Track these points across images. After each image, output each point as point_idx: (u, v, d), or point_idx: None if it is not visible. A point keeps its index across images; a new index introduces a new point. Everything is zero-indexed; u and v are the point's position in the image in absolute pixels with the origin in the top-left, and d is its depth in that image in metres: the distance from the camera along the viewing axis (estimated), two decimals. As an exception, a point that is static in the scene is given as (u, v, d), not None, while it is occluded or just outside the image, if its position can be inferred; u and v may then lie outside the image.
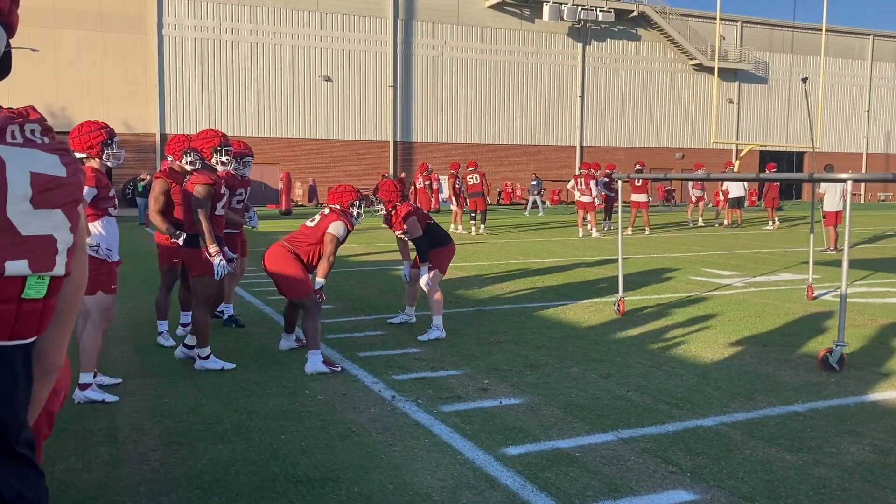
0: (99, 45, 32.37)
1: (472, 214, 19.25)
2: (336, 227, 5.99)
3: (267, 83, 35.23)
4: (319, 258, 6.01)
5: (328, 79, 36.22)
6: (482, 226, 18.93)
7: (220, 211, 5.79)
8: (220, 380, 5.39)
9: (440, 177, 27.41)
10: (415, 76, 37.88)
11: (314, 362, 5.60)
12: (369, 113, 37.20)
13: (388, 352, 6.23)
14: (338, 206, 6.19)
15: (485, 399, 4.93)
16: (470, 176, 18.97)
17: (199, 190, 5.55)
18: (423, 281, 6.77)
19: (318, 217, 6.16)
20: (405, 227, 6.85)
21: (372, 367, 5.74)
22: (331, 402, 4.87)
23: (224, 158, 6.03)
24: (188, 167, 6.07)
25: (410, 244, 7.17)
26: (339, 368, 5.64)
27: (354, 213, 6.23)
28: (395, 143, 37.70)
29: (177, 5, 33.44)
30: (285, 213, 28.40)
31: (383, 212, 6.96)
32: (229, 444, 4.12)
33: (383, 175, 26.30)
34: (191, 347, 5.85)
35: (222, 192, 5.80)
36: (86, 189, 4.71)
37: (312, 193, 36.07)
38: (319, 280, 5.98)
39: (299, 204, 35.30)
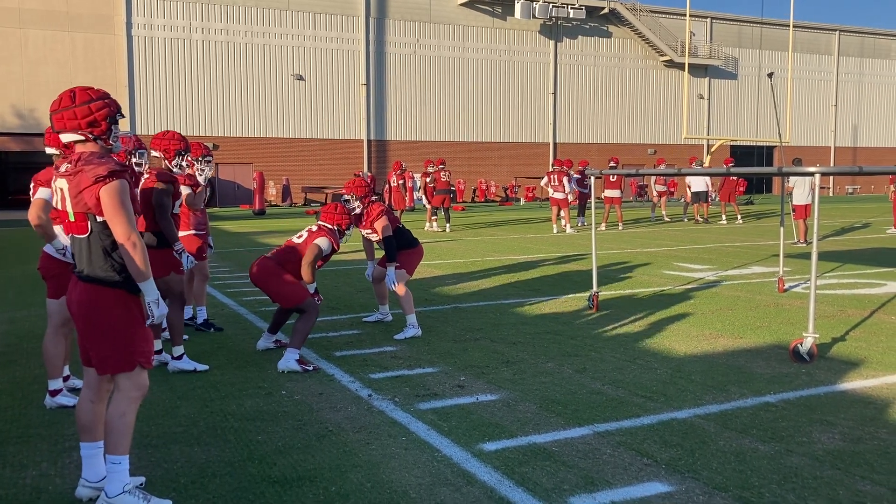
0: (67, 46, 31.94)
1: (436, 211, 19.34)
2: (322, 241, 6.02)
3: (238, 82, 34.99)
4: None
5: (300, 77, 36.05)
6: (446, 224, 19.14)
7: (176, 209, 5.86)
8: (195, 382, 5.35)
9: (414, 175, 27.40)
10: (387, 74, 37.82)
11: (289, 359, 5.58)
12: (342, 111, 37.09)
13: (364, 350, 6.23)
14: (328, 225, 6.20)
15: (461, 396, 4.94)
16: (443, 173, 19.05)
17: (159, 188, 5.61)
18: (391, 283, 6.77)
19: (304, 233, 6.15)
20: (375, 227, 6.84)
21: (348, 366, 5.73)
22: (307, 402, 4.86)
23: (184, 163, 6.13)
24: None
25: (376, 244, 7.18)
26: (312, 368, 5.62)
27: (346, 234, 6.32)
28: (369, 141, 37.62)
29: (146, 5, 33.09)
30: (259, 213, 28.22)
31: (357, 209, 6.93)
32: (205, 446, 4.10)
33: (355, 174, 26.29)
34: (158, 352, 5.80)
35: (179, 191, 5.88)
36: (46, 190, 4.59)
37: (286, 193, 35.88)
38: (311, 284, 5.97)
39: (273, 204, 35.10)
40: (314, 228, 6.17)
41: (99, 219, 3.21)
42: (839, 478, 3.59)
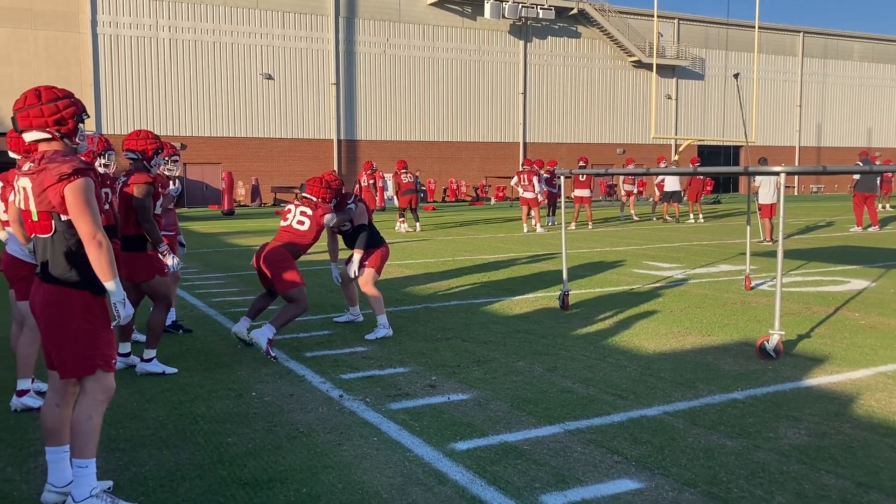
0: (30, 44, 31.36)
1: (402, 212, 19.42)
2: (328, 218, 6.49)
3: (207, 82, 34.64)
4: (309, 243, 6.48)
5: (269, 77, 35.79)
6: (416, 223, 19.27)
7: (158, 210, 5.77)
8: (163, 384, 5.29)
9: (385, 175, 27.37)
10: (358, 74, 37.70)
11: (264, 334, 5.83)
12: (312, 111, 36.89)
13: (335, 351, 6.20)
14: (316, 199, 6.50)
15: (433, 395, 4.94)
16: (404, 175, 19.15)
17: (140, 189, 5.49)
18: (353, 269, 6.88)
19: (304, 219, 6.42)
20: (352, 209, 6.95)
21: (319, 366, 5.70)
22: (278, 403, 4.83)
23: (160, 161, 6.01)
24: (101, 169, 5.90)
25: (340, 244, 7.25)
26: (273, 357, 5.84)
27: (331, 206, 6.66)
28: (339, 141, 37.46)
29: (111, 3, 32.60)
30: (228, 213, 27.97)
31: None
32: (174, 448, 4.05)
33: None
34: (126, 355, 5.73)
35: (160, 190, 5.79)
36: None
37: (255, 193, 35.59)
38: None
39: (242, 204, 34.81)
40: (308, 210, 6.43)
41: (63, 218, 3.18)
42: (805, 472, 3.66)
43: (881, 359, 5.80)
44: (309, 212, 6.44)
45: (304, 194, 6.56)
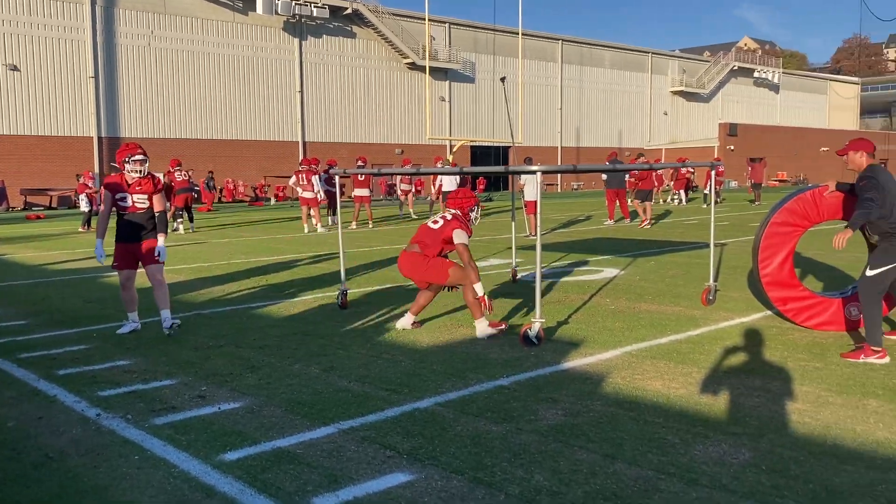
0: None
1: (180, 212, 18.73)
2: (459, 236, 6.53)
3: (-63, 71, 30.73)
4: (440, 253, 6.62)
5: (15, 68, 32.42)
6: (190, 224, 18.91)
7: None
8: None
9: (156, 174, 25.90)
10: (119, 67, 35.24)
11: (482, 328, 6.46)
12: (67, 105, 33.97)
13: (92, 367, 5.74)
14: (458, 212, 6.75)
15: (202, 407, 4.73)
16: (178, 173, 18.53)
17: None
18: (162, 254, 6.81)
19: (440, 220, 6.68)
20: (155, 199, 6.83)
21: (73, 384, 5.25)
22: (23, 428, 4.38)
23: None
24: None
25: None
26: (504, 326, 6.65)
27: (472, 218, 6.89)
28: (100, 138, 34.81)
29: None
30: (-32, 219, 24.97)
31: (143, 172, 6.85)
32: None
33: (77, 175, 24.42)
34: None
35: None
36: None
37: (1, 196, 32.11)
38: (478, 287, 6.44)
39: (-13, 209, 31.28)
40: (448, 216, 6.68)
41: None
42: (560, 450, 3.93)
43: (627, 340, 6.40)
44: (448, 216, 6.69)
45: (450, 209, 6.82)
